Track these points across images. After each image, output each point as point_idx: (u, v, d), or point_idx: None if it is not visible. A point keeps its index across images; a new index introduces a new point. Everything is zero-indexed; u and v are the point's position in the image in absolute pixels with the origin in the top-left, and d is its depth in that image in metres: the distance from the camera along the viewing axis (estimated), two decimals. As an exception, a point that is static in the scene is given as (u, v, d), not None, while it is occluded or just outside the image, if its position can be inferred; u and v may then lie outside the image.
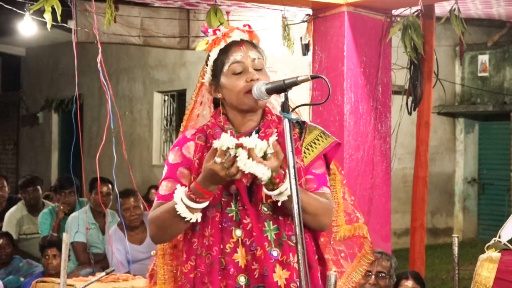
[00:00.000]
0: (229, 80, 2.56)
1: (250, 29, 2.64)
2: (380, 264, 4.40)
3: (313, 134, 2.65)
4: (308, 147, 2.63)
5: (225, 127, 2.58)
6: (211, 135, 2.59)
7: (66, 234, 3.98)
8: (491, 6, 5.97)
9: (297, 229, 2.36)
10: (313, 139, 2.64)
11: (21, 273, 6.29)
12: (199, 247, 2.53)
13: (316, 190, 2.59)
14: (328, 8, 5.54)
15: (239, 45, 2.58)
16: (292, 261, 2.51)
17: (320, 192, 2.58)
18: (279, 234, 2.52)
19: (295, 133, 2.61)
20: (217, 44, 2.60)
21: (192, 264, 2.55)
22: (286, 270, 2.50)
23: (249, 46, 2.60)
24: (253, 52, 2.59)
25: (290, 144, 2.39)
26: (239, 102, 2.55)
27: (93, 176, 6.29)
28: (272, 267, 2.49)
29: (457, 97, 12.43)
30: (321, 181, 2.62)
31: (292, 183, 2.36)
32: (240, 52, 2.57)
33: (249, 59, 2.57)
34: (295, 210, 2.35)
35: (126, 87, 13.09)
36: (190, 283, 2.55)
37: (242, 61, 2.56)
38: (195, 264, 2.54)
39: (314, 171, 2.62)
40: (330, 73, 5.44)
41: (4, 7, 5.90)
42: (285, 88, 2.45)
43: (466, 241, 11.87)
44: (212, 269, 2.50)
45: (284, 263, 2.51)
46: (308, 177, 2.60)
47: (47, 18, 4.94)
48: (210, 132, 2.60)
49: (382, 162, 5.68)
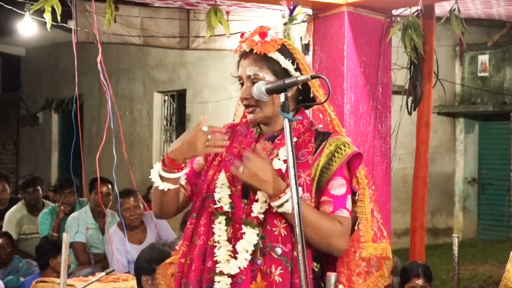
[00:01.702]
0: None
1: (264, 39, 2.57)
2: None
3: (333, 147, 2.54)
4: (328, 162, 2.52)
5: (250, 126, 2.64)
6: (236, 132, 2.66)
7: (66, 234, 3.98)
8: (491, 6, 5.97)
9: (297, 229, 2.35)
10: (332, 152, 2.54)
11: (20, 273, 6.29)
12: (194, 234, 2.57)
13: (330, 214, 2.49)
14: (328, 8, 5.54)
15: (244, 58, 2.60)
16: (273, 273, 2.44)
17: (335, 215, 2.48)
18: (264, 243, 2.47)
19: (311, 145, 2.54)
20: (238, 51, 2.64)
21: (184, 249, 2.59)
22: (264, 281, 2.45)
23: (251, 61, 2.56)
24: (252, 68, 2.55)
25: (290, 144, 2.39)
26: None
27: (93, 176, 6.29)
28: (254, 276, 2.45)
29: (457, 97, 12.42)
30: (339, 204, 2.50)
31: (292, 183, 2.36)
32: (241, 67, 2.60)
33: (245, 76, 2.58)
34: (295, 210, 2.35)
35: (126, 87, 13.09)
36: (180, 267, 2.59)
37: (240, 76, 2.61)
38: (187, 250, 2.58)
39: (333, 192, 2.51)
40: (330, 73, 5.44)
41: (4, 7, 5.90)
42: (285, 88, 2.45)
43: (466, 241, 11.86)
44: (199, 258, 2.53)
45: (264, 273, 2.45)
46: (324, 199, 2.51)
47: (47, 18, 4.94)
48: (238, 129, 2.67)
49: (382, 162, 5.68)
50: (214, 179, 2.58)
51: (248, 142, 2.60)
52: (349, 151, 2.54)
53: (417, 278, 4.42)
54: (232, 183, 2.53)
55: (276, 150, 2.54)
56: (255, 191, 2.48)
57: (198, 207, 2.59)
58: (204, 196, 2.58)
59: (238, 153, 2.58)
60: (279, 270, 2.44)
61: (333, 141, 2.56)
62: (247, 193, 2.52)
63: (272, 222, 2.47)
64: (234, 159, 2.55)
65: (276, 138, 2.56)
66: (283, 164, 2.50)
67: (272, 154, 2.53)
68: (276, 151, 2.54)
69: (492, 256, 10.20)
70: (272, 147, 2.55)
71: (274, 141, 2.56)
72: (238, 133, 2.65)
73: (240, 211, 2.50)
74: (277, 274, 2.44)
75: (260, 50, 2.55)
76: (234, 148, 2.60)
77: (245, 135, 2.63)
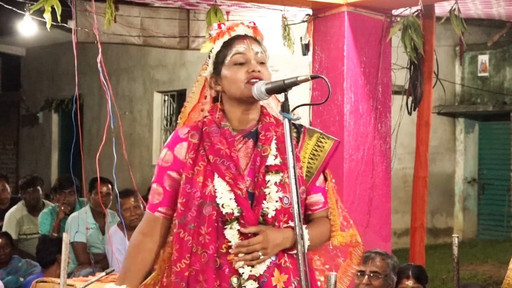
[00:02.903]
0: (230, 70, 2.56)
1: (255, 26, 2.64)
2: (374, 264, 4.32)
3: (314, 138, 2.65)
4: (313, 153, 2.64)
5: (221, 124, 2.57)
6: (206, 133, 2.57)
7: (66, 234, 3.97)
8: (491, 6, 5.97)
9: (297, 229, 2.36)
10: (316, 143, 2.64)
11: (20, 273, 6.29)
12: (194, 244, 2.51)
13: (323, 208, 2.66)
14: (328, 8, 5.54)
15: (242, 39, 2.59)
16: (288, 262, 2.52)
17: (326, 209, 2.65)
18: None
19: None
20: (221, 37, 2.60)
21: (186, 262, 2.52)
22: (284, 274, 2.50)
23: (252, 41, 2.60)
24: (256, 46, 2.60)
25: (290, 144, 2.39)
26: (240, 93, 2.54)
27: (93, 176, 6.29)
28: (271, 271, 2.49)
29: (457, 97, 12.43)
30: (325, 196, 2.66)
31: (292, 183, 2.36)
32: (244, 44, 2.58)
33: (252, 52, 2.57)
34: (295, 210, 2.35)
35: (126, 87, 13.08)
36: (184, 281, 2.53)
37: (244, 53, 2.57)
38: (190, 262, 2.52)
39: (319, 185, 2.66)
40: (330, 73, 5.44)
41: (4, 7, 5.90)
42: (285, 88, 2.45)
43: (466, 241, 11.87)
44: (207, 268, 2.48)
45: (282, 267, 2.51)
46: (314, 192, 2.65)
47: (47, 18, 4.94)
48: (206, 130, 2.57)
49: (382, 162, 5.68)
50: (207, 184, 2.51)
51: (230, 142, 2.56)
52: (330, 143, 2.65)
53: (406, 279, 4.37)
54: (234, 186, 2.49)
55: (265, 146, 2.55)
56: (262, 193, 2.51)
57: (194, 217, 2.51)
58: (198, 204, 2.51)
59: (226, 154, 2.53)
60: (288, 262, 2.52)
61: (311, 132, 2.66)
62: (252, 194, 2.52)
63: (279, 218, 2.52)
64: (227, 162, 2.52)
65: (260, 135, 2.57)
66: (276, 159, 2.54)
67: (265, 151, 2.55)
68: (267, 147, 2.55)
69: (492, 256, 10.21)
70: (261, 144, 2.56)
71: (259, 138, 2.57)
72: (209, 133, 2.56)
73: (250, 213, 2.49)
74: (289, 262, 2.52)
75: (257, 34, 2.62)
76: (220, 150, 2.53)
77: (220, 134, 2.56)
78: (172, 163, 2.59)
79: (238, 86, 2.54)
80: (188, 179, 2.53)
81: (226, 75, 2.57)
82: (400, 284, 4.39)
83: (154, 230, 2.65)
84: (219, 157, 2.52)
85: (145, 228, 2.67)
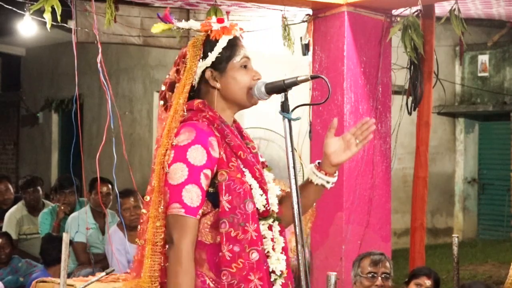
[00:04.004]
0: (238, 73, 2.55)
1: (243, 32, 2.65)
2: (384, 265, 4.43)
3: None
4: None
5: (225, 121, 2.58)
6: (220, 129, 2.51)
7: (66, 234, 3.97)
8: (491, 6, 5.97)
9: (297, 229, 2.36)
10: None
11: (20, 273, 6.29)
12: (244, 243, 2.45)
13: None
14: (328, 8, 5.54)
15: (241, 42, 2.61)
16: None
17: None
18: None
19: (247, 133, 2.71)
20: (227, 33, 2.58)
21: (242, 261, 2.43)
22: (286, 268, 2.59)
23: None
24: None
25: (291, 144, 2.40)
26: (241, 97, 2.54)
27: (93, 176, 6.28)
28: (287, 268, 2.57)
29: (457, 97, 12.43)
30: None
31: (292, 183, 2.37)
32: (245, 48, 2.59)
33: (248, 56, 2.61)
34: (295, 210, 2.35)
35: (126, 87, 13.08)
36: (243, 282, 2.43)
37: (249, 58, 2.59)
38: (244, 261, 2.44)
39: None
40: (330, 73, 5.44)
41: (4, 7, 5.89)
42: (285, 88, 2.46)
43: (466, 241, 11.87)
44: (259, 265, 2.45)
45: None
46: None
47: (47, 18, 4.94)
48: (218, 126, 2.51)
49: (382, 162, 5.68)
50: (245, 181, 2.48)
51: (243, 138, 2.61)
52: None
53: (426, 278, 4.46)
54: (261, 181, 2.52)
55: (252, 143, 2.62)
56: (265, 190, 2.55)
57: (242, 214, 2.45)
58: (243, 202, 2.46)
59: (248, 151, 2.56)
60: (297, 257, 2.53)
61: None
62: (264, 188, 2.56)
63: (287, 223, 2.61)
64: (253, 156, 2.56)
65: (243, 132, 2.63)
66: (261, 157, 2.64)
67: (254, 148, 2.60)
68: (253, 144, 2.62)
69: (492, 256, 10.21)
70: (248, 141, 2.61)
71: (242, 135, 2.61)
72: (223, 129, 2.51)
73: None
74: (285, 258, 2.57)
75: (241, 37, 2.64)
76: (241, 146, 2.52)
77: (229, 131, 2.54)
78: (207, 161, 2.44)
79: (242, 91, 2.54)
80: (230, 175, 2.46)
81: (234, 76, 2.55)
82: (418, 279, 4.46)
83: (196, 237, 2.46)
84: (244, 152, 2.52)
85: (192, 238, 2.43)
